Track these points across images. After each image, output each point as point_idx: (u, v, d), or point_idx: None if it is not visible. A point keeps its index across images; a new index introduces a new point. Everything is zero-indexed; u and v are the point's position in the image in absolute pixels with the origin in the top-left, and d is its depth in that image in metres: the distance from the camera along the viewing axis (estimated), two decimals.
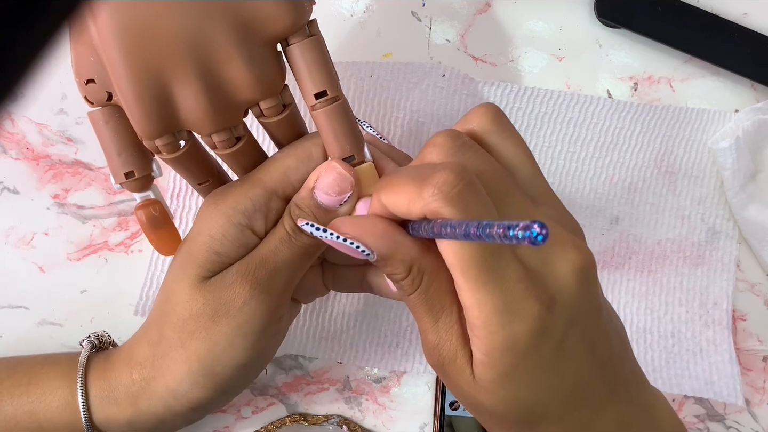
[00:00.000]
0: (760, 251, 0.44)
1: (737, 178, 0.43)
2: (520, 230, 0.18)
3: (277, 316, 0.31)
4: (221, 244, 0.29)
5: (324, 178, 0.29)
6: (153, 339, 0.31)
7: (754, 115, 0.43)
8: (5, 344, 0.41)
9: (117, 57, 0.25)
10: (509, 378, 0.25)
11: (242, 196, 0.29)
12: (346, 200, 0.29)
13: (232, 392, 0.33)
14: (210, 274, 0.30)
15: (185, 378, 0.30)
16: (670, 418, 0.29)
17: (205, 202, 0.31)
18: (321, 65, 0.28)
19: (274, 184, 0.30)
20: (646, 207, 0.44)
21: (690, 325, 0.44)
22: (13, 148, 0.41)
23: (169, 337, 0.30)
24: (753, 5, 0.45)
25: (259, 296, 0.29)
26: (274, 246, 0.30)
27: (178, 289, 0.30)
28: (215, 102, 0.27)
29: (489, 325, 0.24)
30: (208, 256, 0.29)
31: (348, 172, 0.29)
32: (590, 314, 0.26)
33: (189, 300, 0.29)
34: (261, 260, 0.30)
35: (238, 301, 0.29)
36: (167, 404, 0.30)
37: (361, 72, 0.41)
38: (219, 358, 0.30)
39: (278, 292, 0.30)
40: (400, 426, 0.42)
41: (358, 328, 0.42)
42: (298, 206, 0.30)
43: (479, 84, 0.42)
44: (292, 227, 0.29)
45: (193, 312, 0.29)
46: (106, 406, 0.31)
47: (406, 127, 0.41)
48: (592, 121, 0.43)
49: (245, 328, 0.29)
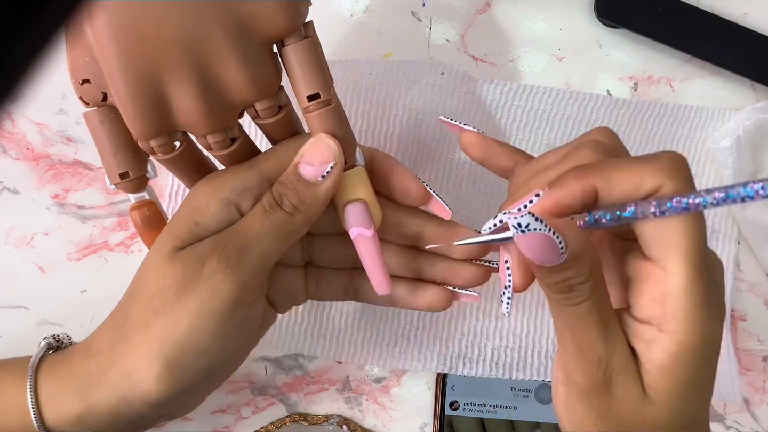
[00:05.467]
0: (760, 251, 0.44)
1: (738, 177, 0.43)
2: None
3: (245, 299, 0.29)
4: (203, 216, 0.28)
5: (307, 150, 0.29)
6: (117, 322, 0.29)
7: (755, 114, 0.43)
8: (5, 344, 0.41)
9: (112, 57, 0.25)
10: (686, 387, 0.24)
11: (234, 175, 0.29)
12: (328, 172, 0.29)
13: (192, 390, 0.29)
14: (183, 245, 0.28)
15: (143, 364, 0.27)
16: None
17: (199, 182, 0.30)
18: (315, 68, 0.28)
19: (269, 171, 0.29)
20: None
21: None
22: (13, 148, 0.41)
23: (134, 316, 0.28)
24: (753, 5, 0.45)
25: (225, 270, 0.27)
26: (249, 221, 0.29)
27: (149, 261, 0.29)
28: (210, 103, 0.27)
29: (693, 315, 0.23)
30: (186, 226, 0.28)
31: (332, 141, 0.28)
32: (720, 342, 0.26)
33: (158, 272, 0.28)
34: (234, 234, 0.28)
35: (205, 273, 0.27)
36: (123, 395, 0.28)
37: (359, 70, 0.41)
38: (179, 341, 0.27)
39: (248, 271, 0.28)
40: (400, 426, 0.42)
41: (356, 327, 0.42)
42: (281, 182, 0.29)
43: (478, 82, 0.42)
44: (270, 203, 0.28)
45: (159, 286, 0.28)
46: (56, 402, 0.29)
47: (405, 124, 0.41)
48: (591, 118, 0.43)
49: (209, 304, 0.27)
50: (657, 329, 0.24)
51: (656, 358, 0.24)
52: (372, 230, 0.30)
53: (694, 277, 0.23)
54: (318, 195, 0.29)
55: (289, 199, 0.28)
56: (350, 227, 0.30)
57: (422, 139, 0.41)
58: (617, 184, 0.24)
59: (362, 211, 0.30)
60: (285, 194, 0.28)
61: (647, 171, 0.24)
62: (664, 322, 0.23)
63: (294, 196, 0.28)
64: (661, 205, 0.23)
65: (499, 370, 0.42)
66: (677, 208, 0.23)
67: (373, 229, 0.30)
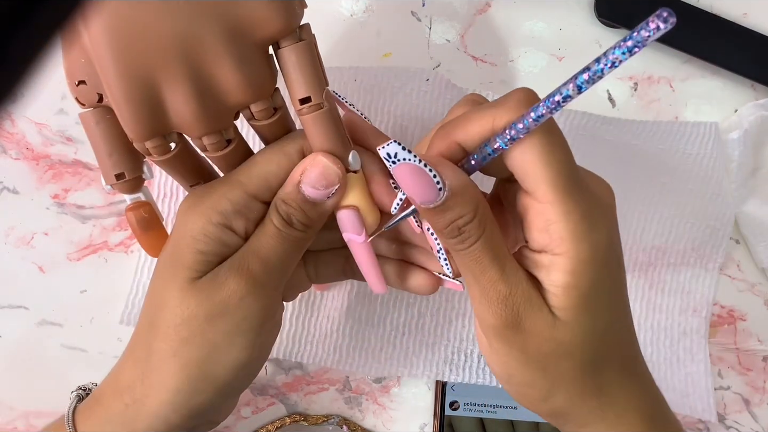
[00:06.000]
0: (755, 246, 0.44)
1: (742, 170, 0.43)
2: (656, 20, 0.19)
3: (272, 310, 0.30)
4: (204, 244, 0.29)
5: (310, 173, 0.28)
6: (140, 357, 0.30)
7: (756, 111, 0.44)
8: (5, 344, 0.41)
9: (107, 59, 0.25)
10: (590, 300, 0.25)
11: (221, 198, 0.29)
12: (333, 193, 0.29)
13: (233, 395, 0.32)
14: (199, 275, 0.29)
15: (183, 387, 0.29)
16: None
17: (183, 204, 0.30)
18: (308, 71, 0.27)
19: (254, 189, 0.29)
20: (634, 215, 0.44)
21: (669, 333, 0.44)
22: (13, 148, 0.41)
23: (158, 349, 0.29)
24: (753, 5, 0.45)
25: (255, 290, 0.28)
26: (265, 241, 0.29)
27: (167, 295, 0.29)
28: (205, 105, 0.27)
29: (576, 233, 0.24)
30: (194, 257, 0.29)
31: (334, 163, 0.28)
32: (621, 258, 0.27)
33: (180, 304, 0.28)
34: (254, 255, 0.29)
35: (235, 297, 0.28)
36: (166, 419, 0.29)
37: (344, 77, 0.41)
38: (219, 359, 0.29)
39: (273, 286, 0.30)
40: (400, 426, 0.42)
41: (341, 332, 0.42)
42: (285, 202, 0.29)
43: (462, 89, 0.42)
44: (281, 223, 0.29)
45: (185, 316, 0.28)
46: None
47: (390, 131, 0.41)
48: (578, 133, 0.43)
49: (244, 325, 0.29)
50: (551, 254, 0.25)
51: (556, 279, 0.25)
52: (363, 236, 0.30)
53: (565, 198, 0.24)
54: (324, 212, 0.30)
55: (298, 218, 0.29)
56: (342, 231, 0.30)
57: (407, 145, 0.41)
58: (475, 133, 0.26)
59: (354, 218, 0.30)
60: (292, 214, 0.29)
61: (497, 113, 0.25)
62: (554, 246, 0.25)
63: (302, 215, 0.29)
64: (505, 134, 0.24)
65: (486, 376, 0.42)
66: (522, 129, 0.24)
67: (365, 235, 0.30)
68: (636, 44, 0.20)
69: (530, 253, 0.27)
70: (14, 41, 0.10)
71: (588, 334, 0.26)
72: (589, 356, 0.26)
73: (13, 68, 0.11)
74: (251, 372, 0.32)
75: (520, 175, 0.25)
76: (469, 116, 0.26)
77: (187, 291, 0.28)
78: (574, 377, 0.27)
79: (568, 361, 0.26)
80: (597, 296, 0.26)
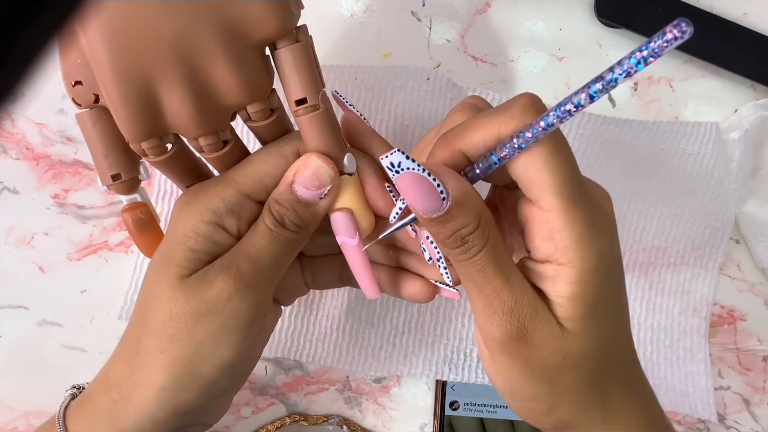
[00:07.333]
0: (755, 246, 0.45)
1: (742, 170, 0.44)
2: (673, 30, 0.19)
3: (262, 312, 0.30)
4: (195, 242, 0.29)
5: (303, 173, 0.28)
6: (130, 353, 0.30)
7: (757, 111, 0.44)
8: (5, 344, 0.41)
9: (103, 60, 0.25)
10: (596, 308, 0.25)
11: (214, 196, 0.29)
12: (326, 193, 0.29)
13: (221, 395, 0.31)
14: (189, 272, 0.29)
15: (169, 384, 0.28)
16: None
17: (178, 202, 0.30)
18: (304, 72, 0.27)
19: (248, 188, 0.29)
20: (635, 214, 0.44)
21: (669, 333, 0.44)
22: (13, 148, 0.41)
23: (147, 345, 0.29)
24: (753, 5, 0.45)
25: (244, 290, 0.28)
26: (257, 241, 0.29)
27: (156, 291, 0.29)
28: (202, 106, 0.27)
29: (581, 242, 0.24)
30: (185, 254, 0.29)
31: (326, 164, 0.28)
32: (622, 265, 0.27)
33: (169, 300, 0.28)
34: (244, 254, 0.29)
35: (222, 296, 0.28)
36: (152, 416, 0.29)
37: (345, 75, 0.41)
38: (205, 358, 0.28)
39: (263, 287, 0.29)
40: (400, 426, 0.42)
41: (341, 331, 0.42)
42: (278, 202, 0.29)
43: (462, 89, 0.42)
44: (273, 223, 0.29)
45: (173, 312, 0.28)
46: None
47: (390, 130, 0.41)
48: (578, 132, 0.43)
49: (231, 324, 0.28)
50: (555, 264, 0.25)
51: (562, 290, 0.25)
52: (356, 239, 0.30)
53: (570, 207, 0.24)
54: (317, 213, 0.29)
55: (290, 218, 0.29)
56: (336, 234, 0.30)
57: (408, 144, 0.41)
58: (479, 141, 0.25)
59: (347, 221, 0.30)
60: (285, 214, 0.29)
61: (502, 121, 0.25)
62: (559, 256, 0.25)
63: (294, 216, 0.29)
64: (513, 143, 0.24)
65: (485, 376, 0.42)
66: (530, 138, 0.23)
67: (358, 239, 0.30)
68: (651, 54, 0.20)
69: (533, 263, 0.26)
70: (14, 41, 0.10)
71: (594, 345, 0.26)
72: (594, 367, 0.26)
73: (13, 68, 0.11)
74: (239, 373, 0.31)
75: (524, 182, 0.25)
76: (473, 124, 0.26)
77: (176, 288, 0.28)
78: (578, 390, 0.26)
79: (574, 373, 0.26)
80: (603, 306, 0.25)
